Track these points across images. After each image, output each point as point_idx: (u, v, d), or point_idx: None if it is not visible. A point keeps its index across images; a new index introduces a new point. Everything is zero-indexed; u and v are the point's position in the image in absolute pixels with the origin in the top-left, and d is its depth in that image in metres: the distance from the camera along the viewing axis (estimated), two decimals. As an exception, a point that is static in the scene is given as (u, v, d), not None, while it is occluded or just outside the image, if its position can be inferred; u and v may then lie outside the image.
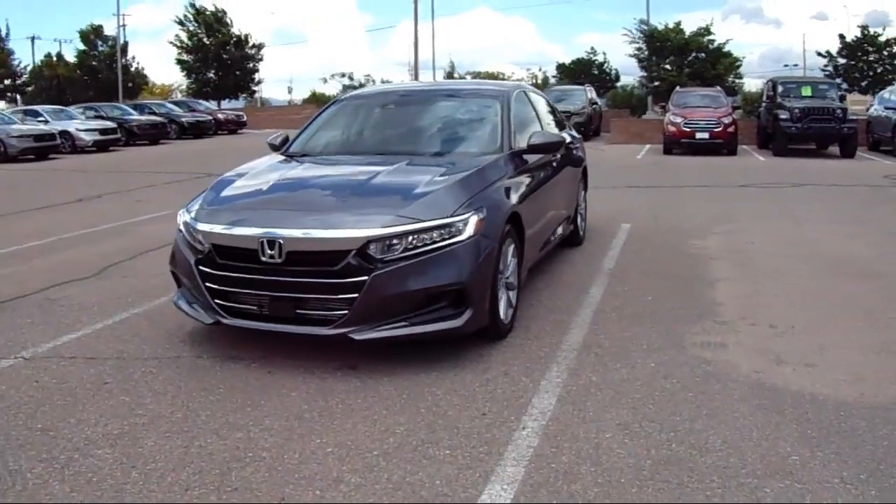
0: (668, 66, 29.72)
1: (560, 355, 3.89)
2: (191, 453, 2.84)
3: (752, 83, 35.80)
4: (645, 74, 31.22)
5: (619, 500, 2.48)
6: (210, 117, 27.66)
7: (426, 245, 3.62)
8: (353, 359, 3.78)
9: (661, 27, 30.01)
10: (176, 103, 29.72)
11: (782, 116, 16.92)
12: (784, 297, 4.97)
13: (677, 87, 21.93)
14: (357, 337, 3.59)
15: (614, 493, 2.52)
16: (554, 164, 5.58)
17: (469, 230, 3.71)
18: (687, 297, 5.00)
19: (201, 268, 3.85)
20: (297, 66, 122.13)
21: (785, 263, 5.96)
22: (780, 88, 18.19)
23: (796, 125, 16.61)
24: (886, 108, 17.12)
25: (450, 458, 2.78)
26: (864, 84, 31.93)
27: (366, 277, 3.53)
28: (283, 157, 5.02)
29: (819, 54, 34.19)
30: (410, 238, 3.60)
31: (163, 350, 4.05)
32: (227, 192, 4.25)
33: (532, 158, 4.99)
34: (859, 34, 32.99)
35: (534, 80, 40.56)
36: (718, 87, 21.55)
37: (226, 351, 3.97)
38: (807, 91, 17.95)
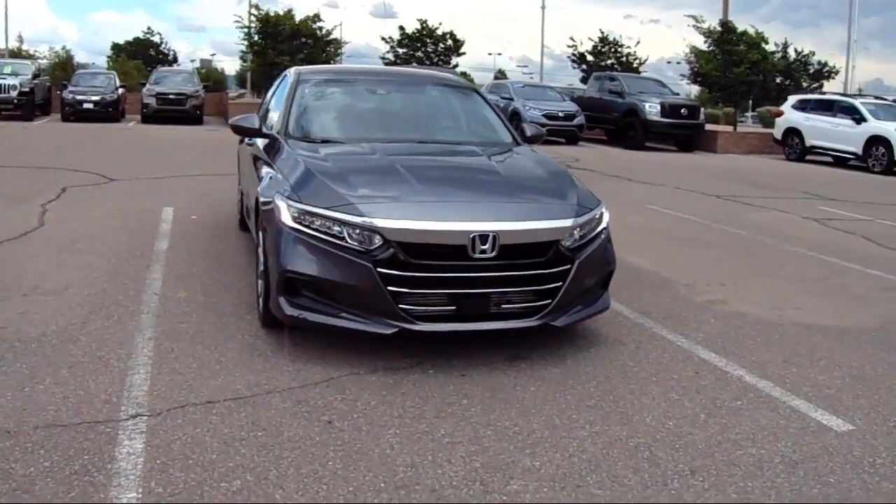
0: (274, 50, 30.36)
1: (643, 323, 4.71)
2: (596, 469, 2.92)
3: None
4: (252, 59, 31.49)
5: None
6: None
7: (591, 233, 4.05)
8: (510, 350, 3.99)
9: (272, 13, 30.55)
10: None
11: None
12: (686, 263, 6.53)
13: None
14: (558, 324, 3.85)
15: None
16: None
17: (606, 219, 4.25)
18: (622, 268, 6.12)
19: (381, 270, 3.53)
20: None
21: (638, 238, 7.40)
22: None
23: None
24: (502, 98, 20.81)
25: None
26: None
27: (569, 266, 3.81)
28: (311, 143, 4.58)
29: (383, 39, 38.78)
30: (585, 227, 3.99)
31: (306, 375, 3.64)
32: (362, 184, 3.89)
33: None
34: (419, 27, 38.38)
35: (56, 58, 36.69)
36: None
37: (370, 363, 3.78)
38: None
